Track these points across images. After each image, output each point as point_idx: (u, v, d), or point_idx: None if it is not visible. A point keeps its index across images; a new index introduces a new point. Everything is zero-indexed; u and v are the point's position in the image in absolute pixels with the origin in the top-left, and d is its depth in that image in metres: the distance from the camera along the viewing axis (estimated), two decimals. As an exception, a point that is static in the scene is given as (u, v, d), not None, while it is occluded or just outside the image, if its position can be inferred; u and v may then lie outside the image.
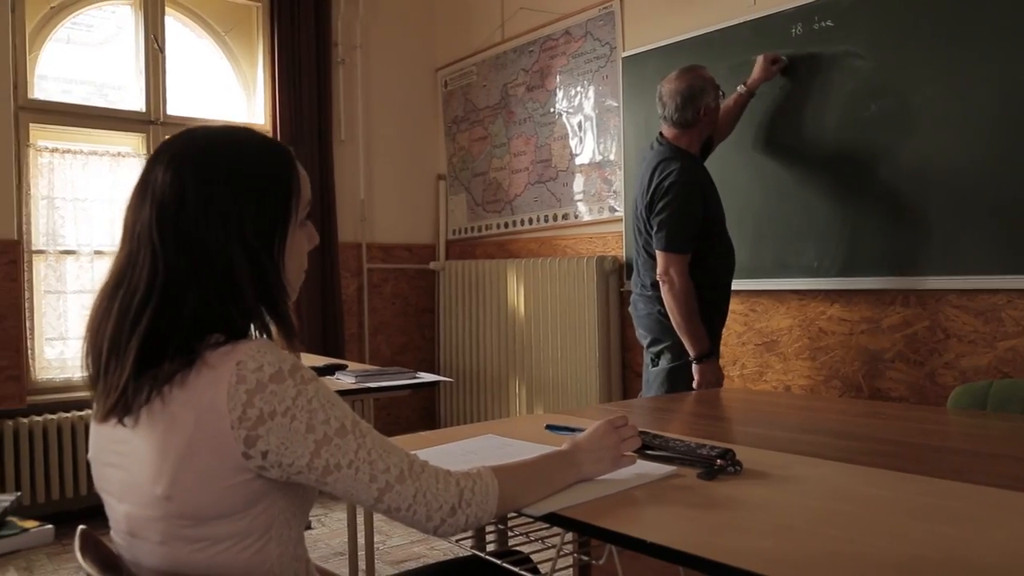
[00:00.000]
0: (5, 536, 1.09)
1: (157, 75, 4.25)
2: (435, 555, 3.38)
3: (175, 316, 1.01)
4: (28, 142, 3.88)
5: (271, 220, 1.08)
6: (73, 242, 3.99)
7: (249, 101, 4.62)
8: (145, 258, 1.02)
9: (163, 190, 1.04)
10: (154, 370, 0.99)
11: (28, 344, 3.84)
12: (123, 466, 1.04)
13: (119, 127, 4.18)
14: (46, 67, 4.03)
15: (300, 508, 1.08)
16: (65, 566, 3.27)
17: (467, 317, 4.77)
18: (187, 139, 1.09)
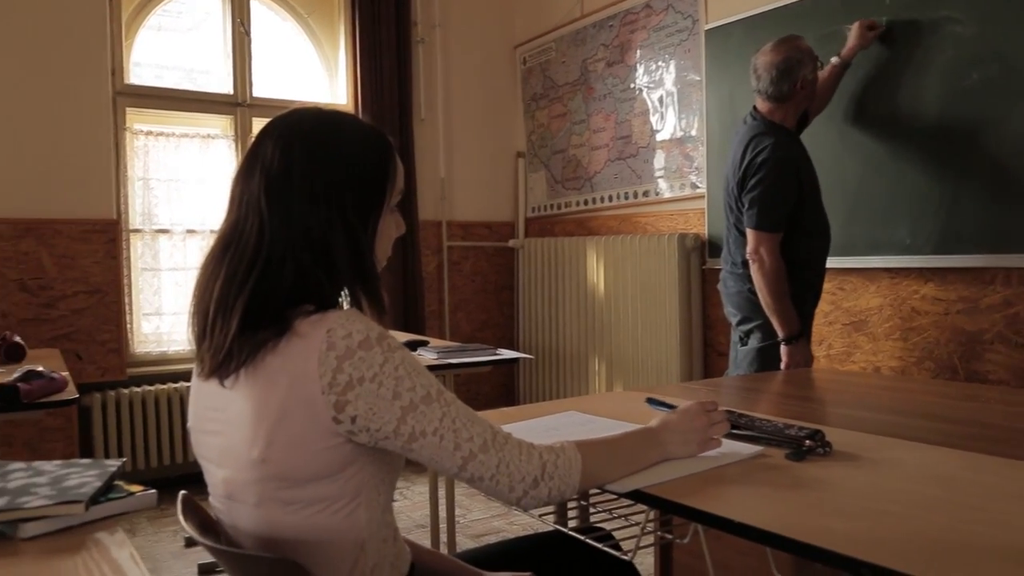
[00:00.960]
0: (114, 499, 1.15)
1: (243, 58, 4.36)
2: (514, 530, 3.41)
3: (277, 282, 1.05)
4: (125, 126, 4.03)
5: (368, 203, 1.12)
6: (167, 221, 4.15)
7: (331, 82, 4.70)
8: (253, 225, 1.07)
9: (272, 164, 1.08)
10: (253, 334, 1.03)
11: (127, 319, 4.02)
12: (221, 432, 1.08)
13: (208, 109, 4.30)
14: (140, 54, 4.18)
15: (388, 475, 1.10)
16: (164, 529, 3.43)
17: (546, 294, 4.78)
18: (297, 119, 1.13)
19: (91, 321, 3.86)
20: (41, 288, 3.76)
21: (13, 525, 1.06)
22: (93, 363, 3.87)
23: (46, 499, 1.09)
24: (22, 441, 3.70)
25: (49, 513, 1.07)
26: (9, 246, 3.68)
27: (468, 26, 5.00)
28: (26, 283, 3.72)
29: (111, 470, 1.22)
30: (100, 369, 3.89)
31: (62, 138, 3.78)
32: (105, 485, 1.17)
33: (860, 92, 3.02)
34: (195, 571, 2.99)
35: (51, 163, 3.76)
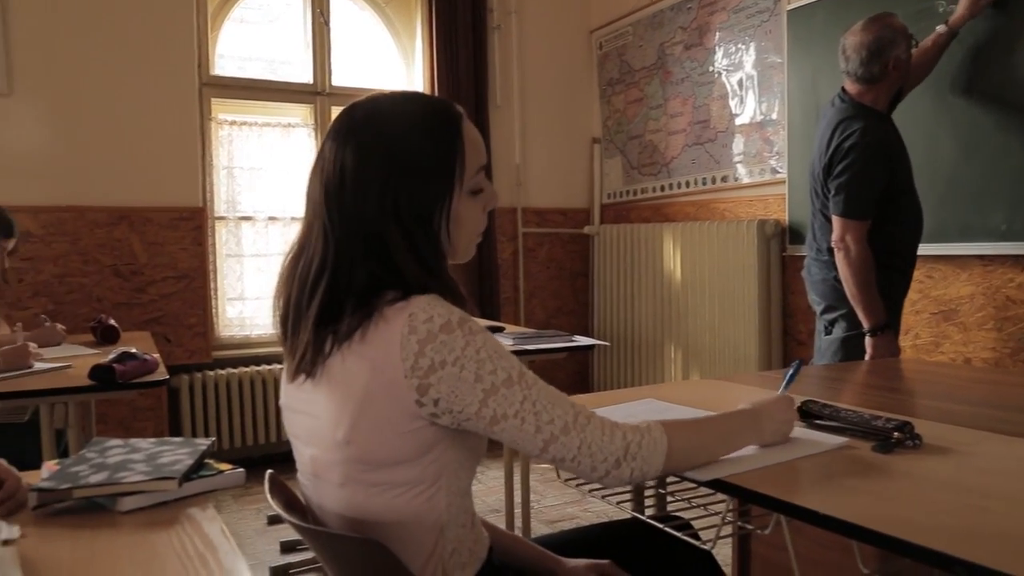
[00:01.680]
0: (205, 476, 1.19)
1: (323, 48, 4.44)
2: (588, 517, 3.41)
3: (347, 284, 1.06)
4: (210, 116, 4.15)
5: (430, 194, 1.09)
6: (249, 209, 4.26)
7: (408, 70, 4.74)
8: (319, 231, 1.09)
9: (329, 166, 1.09)
10: (333, 327, 1.05)
11: (213, 304, 4.16)
12: (309, 412, 1.10)
13: (289, 99, 4.40)
14: (224, 46, 4.29)
15: (469, 460, 1.11)
16: (247, 507, 3.55)
17: (622, 281, 4.74)
18: (351, 115, 1.13)
19: (179, 305, 4.01)
20: (133, 273, 3.91)
21: (113, 499, 1.11)
22: (181, 346, 4.01)
23: (142, 475, 1.14)
24: (116, 419, 3.87)
25: (145, 488, 1.12)
26: (104, 233, 3.84)
27: (544, 12, 4.98)
28: (119, 269, 3.88)
29: (202, 449, 1.27)
30: (187, 352, 4.03)
31: (152, 129, 3.92)
32: (196, 463, 1.21)
33: (961, 65, 2.86)
34: (278, 548, 3.08)
35: (142, 153, 3.90)
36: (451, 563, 1.10)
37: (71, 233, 3.78)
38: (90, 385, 2.18)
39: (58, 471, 1.18)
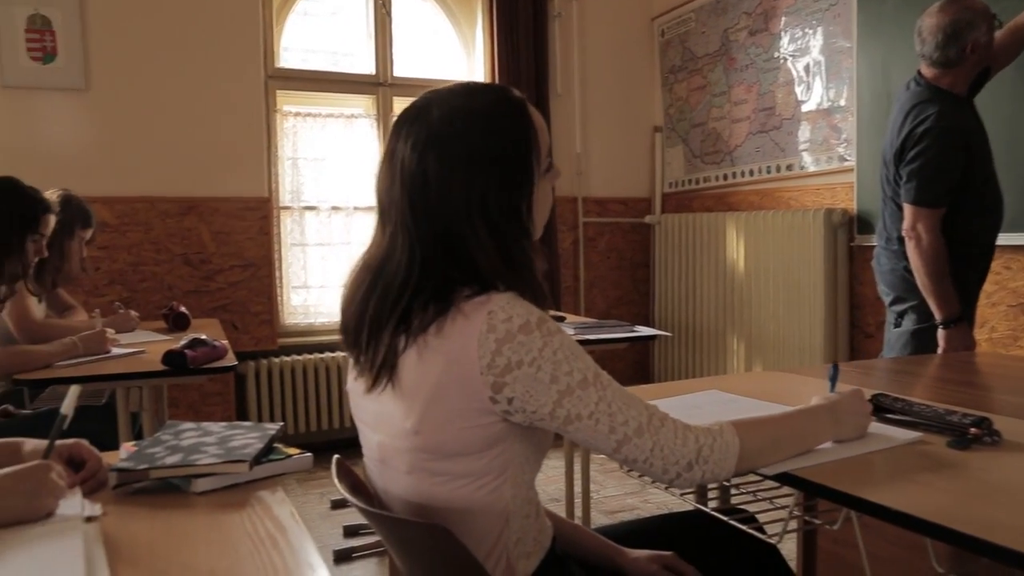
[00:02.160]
0: (274, 460, 1.22)
1: (385, 39, 4.48)
2: (649, 508, 3.39)
3: (429, 291, 1.05)
4: (275, 108, 4.23)
5: (515, 187, 1.09)
6: (313, 198, 4.33)
7: (469, 59, 4.75)
8: (403, 242, 1.07)
9: (409, 171, 1.07)
10: (407, 325, 1.05)
11: (278, 292, 4.24)
12: (377, 399, 1.11)
13: (351, 90, 4.45)
14: (288, 39, 4.36)
15: (535, 454, 1.12)
16: (311, 492, 3.62)
17: (683, 271, 4.69)
18: (424, 116, 1.10)
19: (245, 293, 4.10)
20: (202, 262, 4.01)
21: (187, 480, 1.15)
22: (247, 333, 4.11)
23: (215, 457, 1.17)
24: (187, 403, 3.98)
25: (218, 471, 1.15)
26: (174, 223, 3.94)
27: (605, -1, 4.94)
28: (189, 257, 3.98)
29: (271, 433, 1.29)
30: (254, 339, 4.12)
31: (220, 122, 4.01)
32: (266, 447, 1.24)
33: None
34: (341, 532, 3.14)
35: (210, 145, 3.99)
36: (516, 552, 1.11)
37: (144, 223, 3.89)
38: (163, 370, 2.25)
39: (135, 452, 1.22)
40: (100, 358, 2.46)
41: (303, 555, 0.91)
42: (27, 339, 2.61)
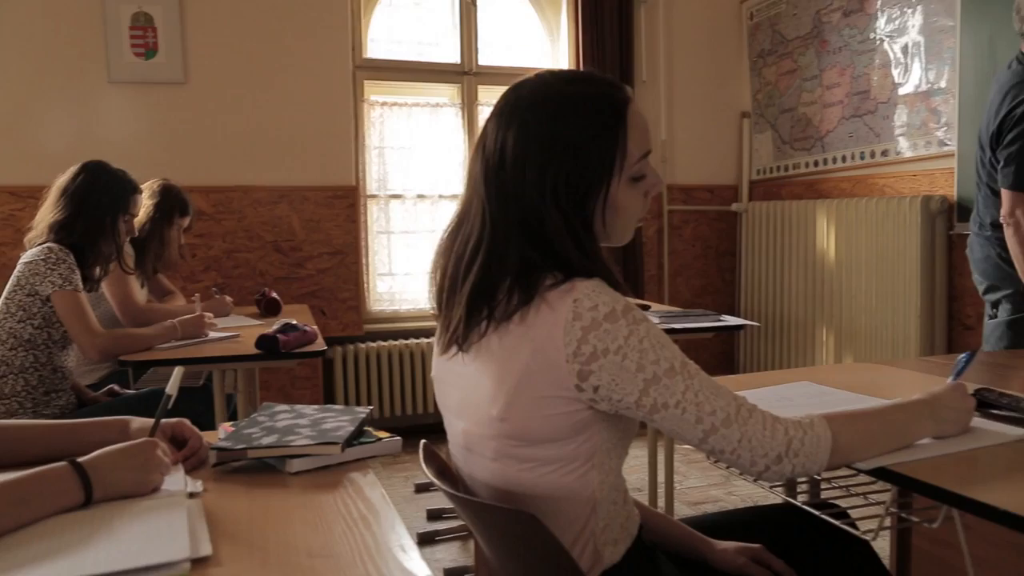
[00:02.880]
0: (365, 443, 1.25)
1: (470, 28, 4.50)
2: (733, 500, 3.34)
3: (502, 263, 1.07)
4: (363, 97, 4.31)
5: (588, 179, 1.07)
6: (399, 187, 4.40)
7: (553, 47, 4.73)
8: (477, 208, 1.10)
9: (490, 146, 1.09)
10: (488, 305, 1.06)
11: (365, 279, 4.33)
12: (462, 387, 1.13)
13: (437, 79, 4.49)
14: (375, 30, 4.43)
15: (621, 441, 1.11)
16: (396, 475, 3.69)
17: (771, 260, 4.58)
18: (517, 93, 1.12)
19: (333, 280, 4.20)
20: (292, 249, 4.12)
21: (282, 460, 1.19)
22: (335, 319, 4.20)
23: (308, 439, 1.21)
24: (276, 387, 4.11)
25: (311, 452, 1.18)
26: (266, 211, 4.06)
27: (692, -18, 4.85)
28: (279, 244, 4.10)
29: (361, 416, 1.33)
30: (341, 324, 4.22)
31: (310, 112, 4.10)
32: (357, 430, 1.27)
33: None
34: (424, 516, 3.19)
35: (300, 135, 4.10)
36: (602, 539, 1.11)
37: (237, 211, 4.02)
38: (256, 354, 2.33)
39: (233, 432, 1.27)
40: (197, 341, 2.56)
41: (395, 536, 0.93)
42: (131, 323, 2.73)
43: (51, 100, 3.73)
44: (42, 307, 2.32)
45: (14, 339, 2.31)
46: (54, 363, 2.38)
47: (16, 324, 2.31)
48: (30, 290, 2.31)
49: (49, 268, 2.30)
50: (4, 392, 2.30)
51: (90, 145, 3.65)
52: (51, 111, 3.72)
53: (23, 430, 1.26)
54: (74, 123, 3.74)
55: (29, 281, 2.30)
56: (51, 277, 2.29)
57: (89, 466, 1.03)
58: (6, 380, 2.31)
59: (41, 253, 2.32)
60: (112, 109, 3.82)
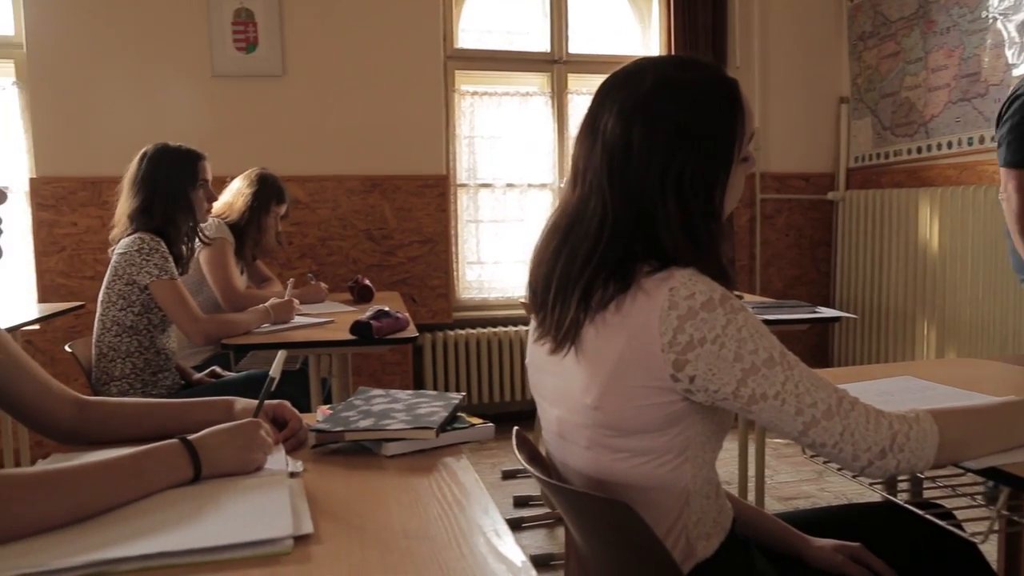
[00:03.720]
0: (458, 428, 1.27)
1: (560, 16, 4.48)
2: (825, 497, 3.25)
3: (617, 259, 1.05)
4: (454, 87, 4.35)
5: (714, 168, 1.07)
6: (488, 176, 4.43)
7: (644, 33, 4.67)
8: (596, 205, 1.07)
9: (612, 139, 1.07)
10: (590, 297, 1.06)
11: (454, 267, 4.38)
12: (557, 374, 1.13)
13: (527, 68, 4.50)
14: (466, 19, 4.46)
15: (716, 434, 1.10)
16: (483, 462, 3.73)
17: (869, 250, 4.43)
18: (634, 82, 1.09)
19: (423, 268, 4.26)
20: (384, 237, 4.20)
21: (378, 443, 1.21)
22: (425, 306, 4.27)
23: (403, 423, 1.23)
24: (367, 372, 4.20)
25: (407, 436, 1.21)
26: (359, 200, 4.15)
27: (789, -36, 4.70)
28: (372, 233, 4.18)
29: (454, 402, 1.34)
30: (431, 312, 4.28)
31: (402, 102, 4.17)
32: (451, 415, 1.29)
33: None
34: (511, 503, 3.22)
35: (393, 125, 4.17)
36: (695, 532, 1.10)
37: (332, 200, 4.12)
38: (350, 339, 2.39)
39: (331, 415, 1.31)
40: (288, 327, 2.64)
41: (489, 521, 0.94)
42: (232, 308, 2.84)
43: (158, 94, 3.90)
44: (140, 295, 2.42)
45: (118, 326, 2.43)
46: (156, 346, 2.49)
47: (119, 312, 2.43)
48: (128, 280, 2.41)
49: (144, 258, 2.39)
50: (115, 375, 2.43)
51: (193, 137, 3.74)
52: (158, 105, 3.89)
53: (137, 407, 1.33)
54: (178, 116, 3.89)
55: (126, 271, 2.41)
56: (147, 268, 2.39)
57: (198, 444, 1.07)
58: (115, 364, 2.43)
59: (133, 244, 2.41)
60: (215, 102, 3.96)
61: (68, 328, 3.77)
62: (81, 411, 1.28)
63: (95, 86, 3.84)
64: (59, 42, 3.80)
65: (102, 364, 2.45)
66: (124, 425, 1.29)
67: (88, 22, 3.82)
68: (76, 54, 3.82)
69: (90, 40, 3.83)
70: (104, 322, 2.44)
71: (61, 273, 3.83)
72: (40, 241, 3.81)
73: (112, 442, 1.26)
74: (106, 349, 2.44)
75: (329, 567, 0.83)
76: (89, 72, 3.83)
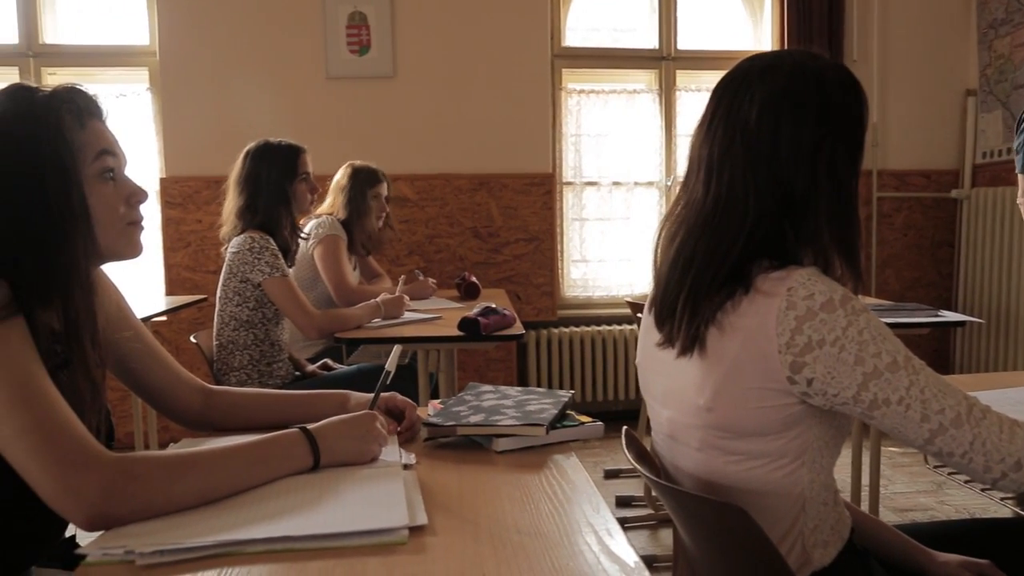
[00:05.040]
0: (568, 426, 1.27)
1: (669, 12, 4.42)
2: (945, 510, 3.09)
3: (753, 250, 1.04)
4: (560, 86, 4.35)
5: (855, 153, 1.07)
6: (594, 174, 4.41)
7: (756, 28, 4.56)
8: (736, 200, 1.05)
9: (756, 129, 1.04)
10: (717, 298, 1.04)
11: (559, 265, 4.39)
12: (668, 374, 1.12)
13: (634, 65, 4.46)
14: (573, 18, 4.45)
15: (835, 439, 1.07)
16: (585, 460, 3.72)
17: (996, 251, 4.19)
18: (775, 73, 1.07)
19: (529, 266, 4.29)
20: (490, 235, 4.25)
21: (488, 439, 1.23)
22: (529, 304, 4.29)
23: (514, 420, 1.24)
24: (472, 368, 4.26)
25: (517, 432, 1.22)
26: (466, 198, 4.21)
27: (912, -49, 4.49)
28: (478, 230, 4.24)
29: (564, 400, 1.35)
30: (535, 309, 4.30)
31: (509, 101, 4.20)
32: (560, 413, 1.29)
33: None
34: (613, 502, 3.21)
35: (500, 124, 4.21)
36: (811, 540, 1.07)
37: (440, 198, 4.20)
38: (458, 335, 2.43)
39: (442, 410, 1.33)
40: (397, 322, 2.71)
41: (600, 520, 0.94)
42: (344, 303, 2.93)
43: (275, 97, 4.06)
44: (254, 291, 2.53)
45: (235, 321, 2.55)
46: (271, 338, 2.60)
47: (235, 308, 2.55)
48: (242, 277, 2.52)
49: (255, 257, 2.50)
50: (234, 365, 2.55)
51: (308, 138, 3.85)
52: (275, 107, 4.05)
53: (259, 398, 1.39)
54: (295, 117, 4.04)
55: (240, 269, 2.52)
56: (259, 266, 2.49)
57: (317, 434, 1.11)
58: (234, 355, 2.55)
59: (245, 243, 2.52)
60: (328, 103, 4.09)
61: (192, 320, 3.97)
62: (207, 399, 1.35)
63: (219, 90, 4.03)
64: (187, 50, 4.01)
65: (222, 355, 2.57)
66: (247, 414, 1.35)
67: (213, 31, 4.01)
68: (202, 61, 4.02)
69: (215, 48, 4.02)
70: (222, 316, 2.57)
71: (187, 267, 4.04)
72: (168, 237, 4.03)
73: (235, 430, 1.32)
74: (225, 342, 2.56)
75: (443, 559, 0.85)
76: (213, 77, 4.02)
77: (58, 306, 1.02)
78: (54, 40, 4.11)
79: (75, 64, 4.09)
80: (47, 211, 1.01)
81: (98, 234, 1.07)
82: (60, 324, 1.03)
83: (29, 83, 1.11)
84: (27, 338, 0.97)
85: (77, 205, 1.04)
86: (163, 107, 4.03)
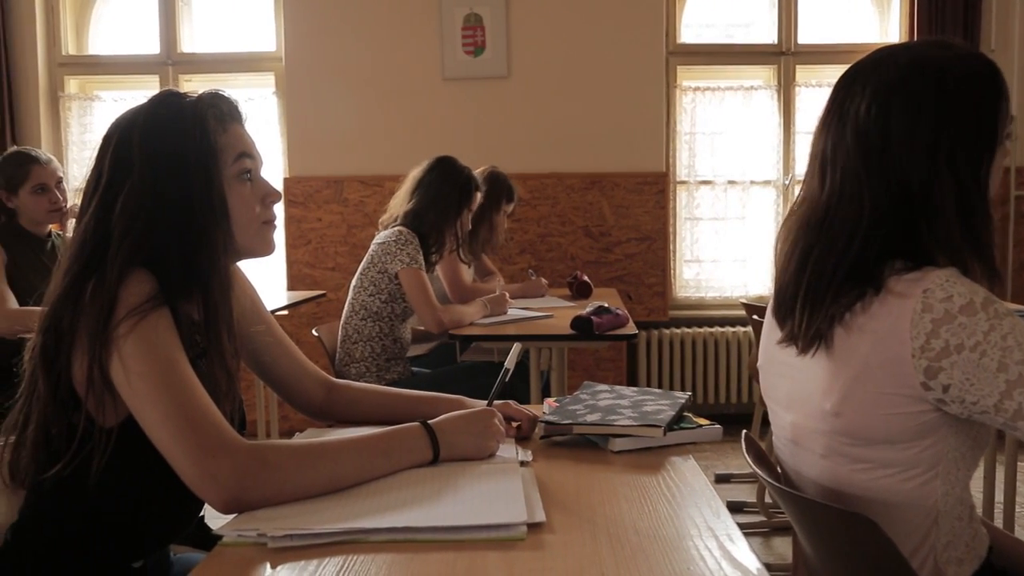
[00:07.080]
0: (685, 428, 1.25)
1: (789, 5, 4.29)
2: (1091, 531, 2.89)
3: (875, 249, 1.00)
4: (675, 83, 4.29)
5: (981, 145, 1.00)
6: (709, 173, 4.33)
7: (882, 19, 4.36)
8: (851, 197, 1.02)
9: (866, 123, 1.01)
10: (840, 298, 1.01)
11: (671, 265, 4.33)
12: (792, 377, 1.09)
13: (751, 61, 4.35)
14: (688, 15, 4.38)
15: (972, 450, 1.01)
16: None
17: None
18: (886, 65, 1.04)
19: (640, 266, 4.25)
20: (601, 234, 4.23)
21: (605, 438, 1.23)
22: (641, 303, 4.25)
23: (631, 420, 1.24)
24: (582, 367, 4.25)
25: (634, 432, 1.21)
26: (578, 196, 4.21)
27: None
28: (590, 229, 4.23)
29: (681, 401, 1.33)
30: (647, 309, 4.26)
31: (623, 100, 4.18)
32: (677, 414, 1.28)
33: None
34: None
35: (613, 123, 4.19)
36: (945, 556, 1.02)
37: (551, 197, 4.21)
38: (571, 334, 2.43)
39: (558, 408, 1.34)
40: (504, 319, 2.74)
41: (721, 525, 0.93)
42: (459, 301, 2.98)
43: (393, 99, 4.17)
44: (389, 284, 2.62)
45: (365, 311, 2.63)
46: (395, 334, 2.67)
47: (367, 298, 2.63)
48: (381, 268, 2.61)
49: (399, 248, 2.59)
50: (355, 357, 2.64)
51: (424, 138, 4.03)
52: (393, 109, 4.16)
53: (379, 394, 1.44)
54: (412, 118, 4.14)
55: (381, 260, 2.61)
56: (400, 256, 2.58)
57: (437, 428, 1.14)
58: (357, 346, 2.64)
59: (392, 235, 2.62)
60: (444, 104, 4.17)
61: (311, 314, 4.12)
62: (329, 392, 1.40)
63: (339, 93, 4.17)
64: (310, 56, 4.17)
65: (346, 345, 2.66)
66: (366, 409, 1.39)
67: (335, 37, 4.15)
68: (324, 66, 4.17)
69: (336, 53, 4.16)
70: (353, 305, 2.67)
71: (307, 264, 4.20)
72: (290, 235, 4.20)
73: (355, 422, 1.36)
74: (351, 331, 2.65)
75: (562, 557, 0.85)
76: (334, 81, 4.17)
77: (198, 299, 1.08)
78: (190, 49, 4.35)
79: (208, 71, 4.32)
80: (191, 210, 1.07)
81: (235, 232, 1.13)
82: (200, 316, 1.09)
83: (177, 89, 1.19)
84: (172, 328, 1.03)
85: (218, 204, 1.09)
86: (287, 110, 4.20)
